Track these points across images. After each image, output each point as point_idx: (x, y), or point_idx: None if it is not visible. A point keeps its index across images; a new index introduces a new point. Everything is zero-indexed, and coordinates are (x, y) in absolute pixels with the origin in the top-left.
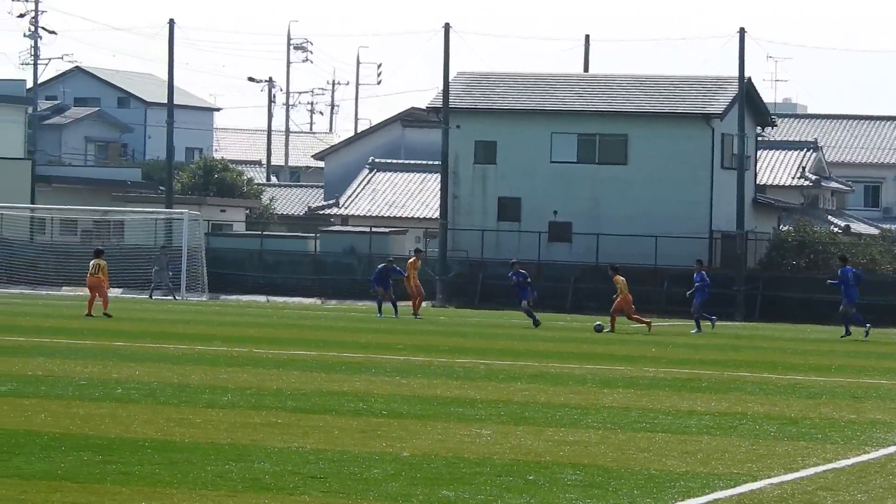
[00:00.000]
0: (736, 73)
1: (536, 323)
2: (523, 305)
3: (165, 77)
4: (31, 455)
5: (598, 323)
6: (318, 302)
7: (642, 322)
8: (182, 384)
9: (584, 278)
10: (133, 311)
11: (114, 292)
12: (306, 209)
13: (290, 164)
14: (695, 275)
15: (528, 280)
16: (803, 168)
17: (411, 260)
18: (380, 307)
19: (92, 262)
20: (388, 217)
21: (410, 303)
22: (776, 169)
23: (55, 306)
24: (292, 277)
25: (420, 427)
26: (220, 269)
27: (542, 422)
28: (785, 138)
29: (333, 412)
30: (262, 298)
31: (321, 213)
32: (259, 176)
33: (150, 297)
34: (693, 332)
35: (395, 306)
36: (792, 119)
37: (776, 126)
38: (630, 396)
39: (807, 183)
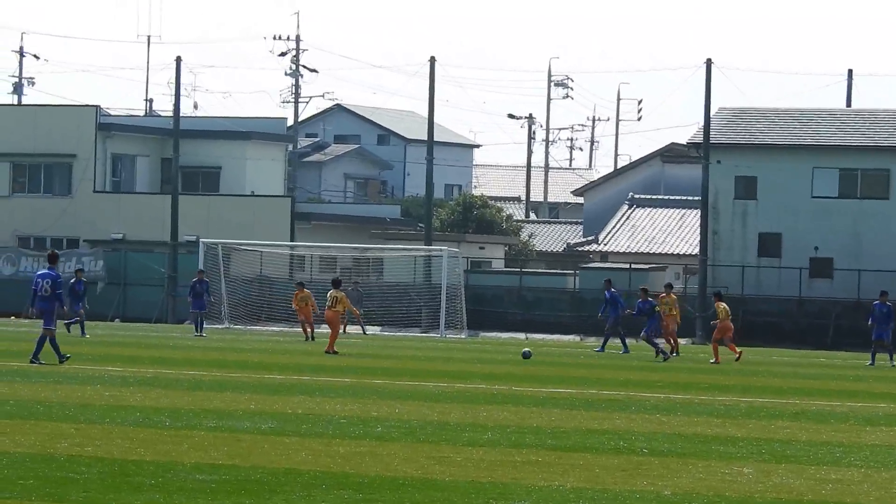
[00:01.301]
0: None
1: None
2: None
3: (426, 114)
4: (292, 493)
5: (526, 350)
6: (578, 339)
7: (735, 352)
8: (442, 422)
9: (845, 315)
10: (391, 349)
11: (373, 330)
12: (565, 245)
13: (549, 200)
14: (875, 304)
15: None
16: None
17: (661, 295)
18: (604, 344)
19: (329, 293)
20: (648, 253)
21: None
22: None
23: (315, 344)
24: (551, 314)
25: (681, 465)
26: (479, 305)
27: (804, 460)
28: None
29: (594, 450)
30: (521, 335)
31: (580, 249)
32: (518, 212)
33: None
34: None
35: (623, 341)
36: None
37: None
38: (894, 434)
39: None
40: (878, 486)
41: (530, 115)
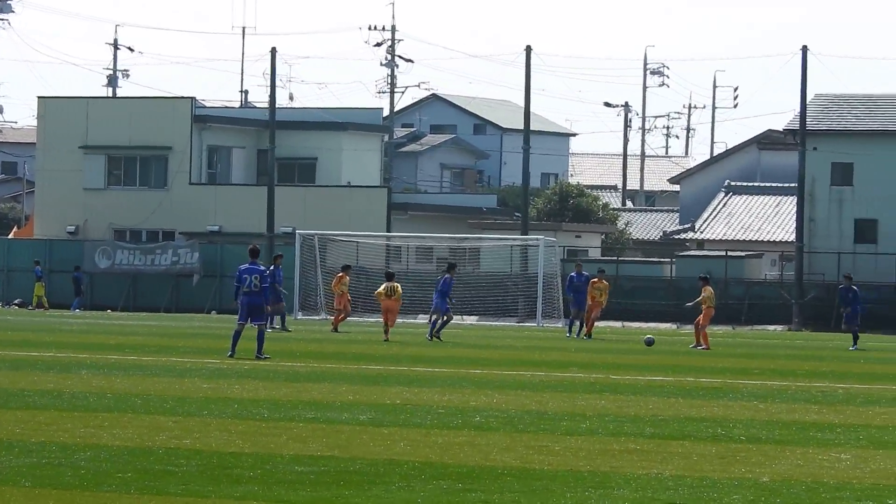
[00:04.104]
0: None
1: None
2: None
3: (521, 103)
4: (391, 484)
5: (649, 336)
6: (675, 327)
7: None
8: (540, 411)
9: None
10: (488, 339)
11: (470, 320)
12: (661, 234)
13: (645, 188)
14: None
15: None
16: None
17: (593, 280)
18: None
19: (386, 285)
20: (744, 240)
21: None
22: None
23: (410, 334)
24: (648, 303)
25: (779, 452)
26: None
27: None
28: None
29: (692, 438)
30: (617, 324)
31: (676, 237)
32: (614, 201)
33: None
34: None
35: (570, 325)
36: None
37: None
38: None
39: None
40: None
41: (626, 103)
